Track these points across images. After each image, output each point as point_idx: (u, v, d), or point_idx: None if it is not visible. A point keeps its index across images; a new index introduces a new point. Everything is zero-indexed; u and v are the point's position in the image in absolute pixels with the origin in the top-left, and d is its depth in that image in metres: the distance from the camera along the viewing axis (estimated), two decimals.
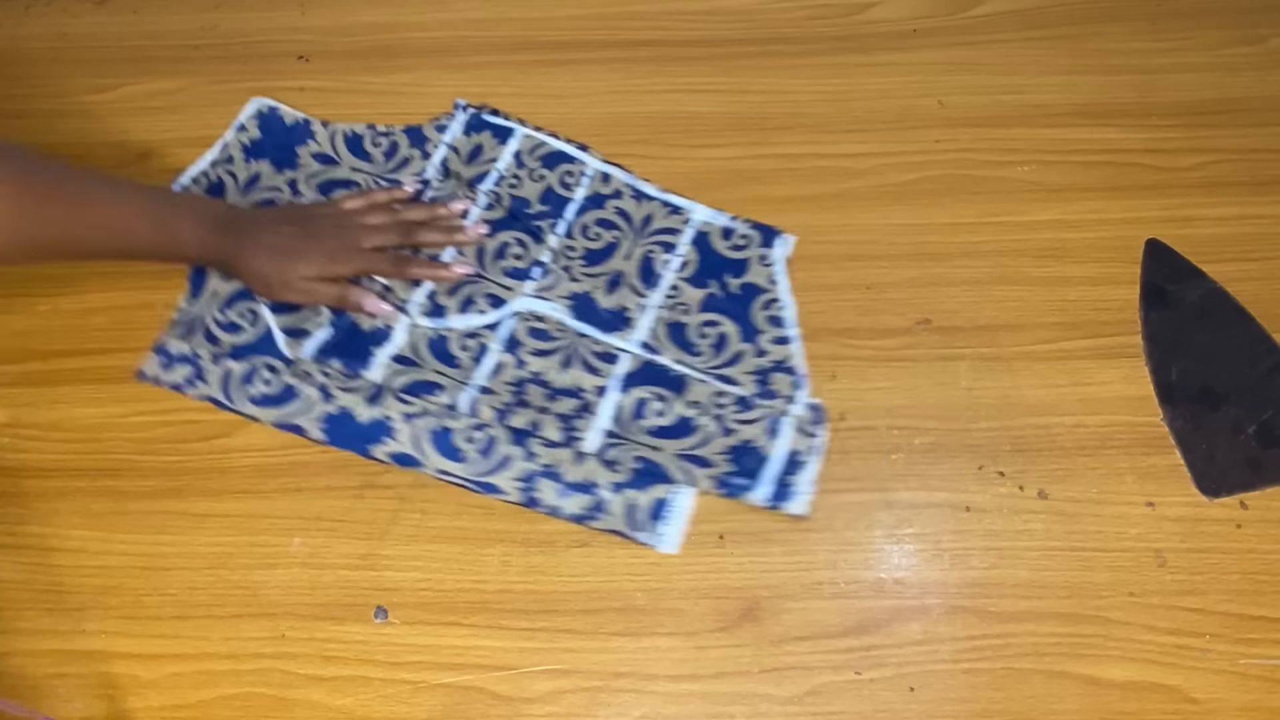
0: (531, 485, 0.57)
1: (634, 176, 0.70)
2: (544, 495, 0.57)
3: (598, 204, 0.68)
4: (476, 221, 0.67)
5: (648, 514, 0.56)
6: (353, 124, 0.73)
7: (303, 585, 0.56)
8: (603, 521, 0.57)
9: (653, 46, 0.76)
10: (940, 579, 0.55)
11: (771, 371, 0.61)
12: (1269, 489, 0.57)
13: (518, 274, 0.65)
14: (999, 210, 0.67)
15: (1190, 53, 0.74)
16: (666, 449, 0.58)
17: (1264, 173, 0.68)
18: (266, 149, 0.72)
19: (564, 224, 0.68)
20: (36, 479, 0.60)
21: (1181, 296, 0.63)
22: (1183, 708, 0.51)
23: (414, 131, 0.72)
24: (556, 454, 0.58)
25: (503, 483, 0.57)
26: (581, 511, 0.57)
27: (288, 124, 0.73)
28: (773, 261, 0.65)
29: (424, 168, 0.71)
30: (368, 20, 0.80)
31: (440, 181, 0.70)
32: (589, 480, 0.57)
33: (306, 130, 0.73)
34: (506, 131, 0.72)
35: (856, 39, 0.76)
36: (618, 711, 0.52)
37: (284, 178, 0.70)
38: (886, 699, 0.52)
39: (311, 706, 0.53)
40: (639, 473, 0.57)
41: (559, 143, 0.71)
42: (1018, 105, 0.72)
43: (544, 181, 0.69)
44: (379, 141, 0.72)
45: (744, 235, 0.66)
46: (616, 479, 0.57)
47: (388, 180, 0.70)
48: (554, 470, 0.58)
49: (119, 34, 0.81)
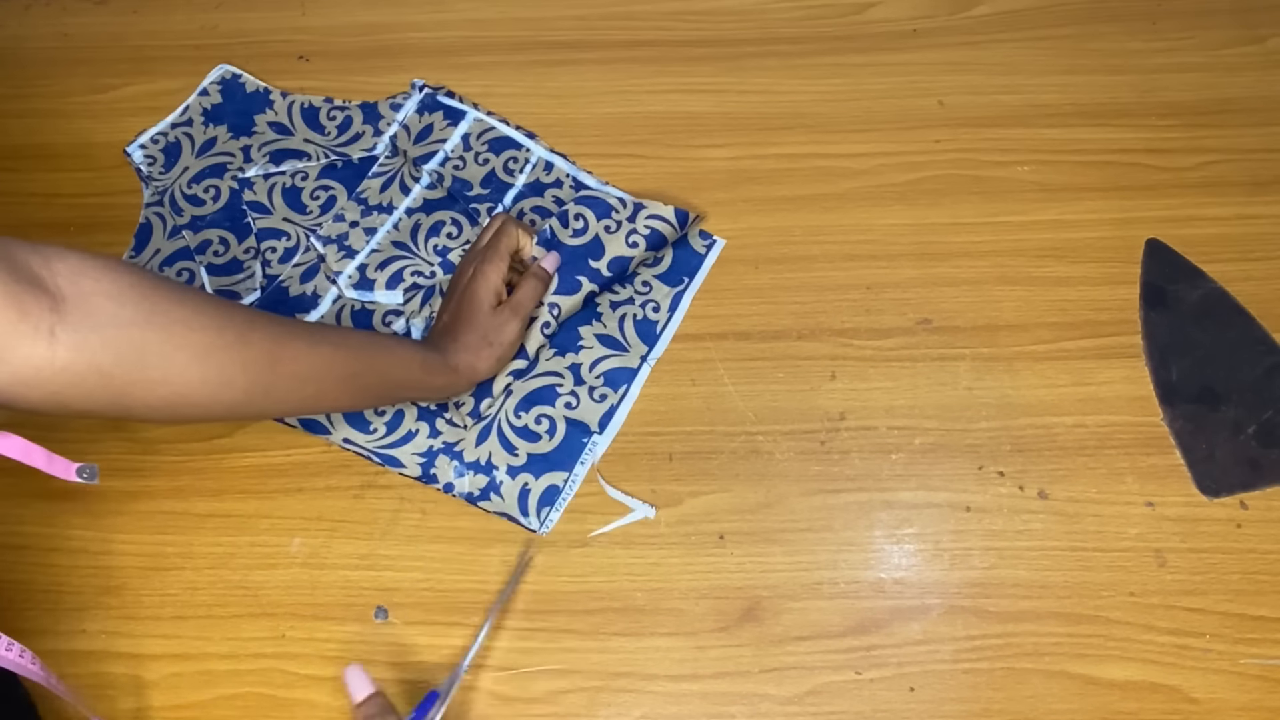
0: (431, 461, 0.59)
1: (577, 167, 0.70)
2: (441, 472, 0.59)
3: (537, 191, 0.69)
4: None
5: (537, 500, 0.58)
6: (311, 96, 0.74)
7: (303, 585, 0.56)
8: (494, 504, 0.58)
9: (653, 46, 0.76)
10: (940, 579, 0.55)
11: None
12: (1269, 489, 0.57)
13: (446, 253, 0.66)
14: (999, 210, 0.67)
15: (1190, 53, 0.74)
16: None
17: (1264, 173, 0.68)
18: (226, 114, 0.74)
19: (500, 208, 0.68)
20: (36, 479, 0.60)
21: (1181, 296, 0.63)
22: (1183, 708, 0.51)
23: (369, 108, 0.74)
24: (459, 433, 0.59)
25: (403, 456, 0.59)
26: (475, 491, 0.58)
27: (249, 91, 0.75)
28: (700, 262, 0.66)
29: (374, 144, 0.72)
30: (368, 20, 0.80)
31: (388, 158, 0.71)
32: (489, 462, 0.59)
33: (266, 99, 0.74)
34: (459, 114, 0.72)
35: (856, 39, 0.76)
36: (618, 711, 0.52)
37: (238, 144, 0.72)
38: (886, 699, 0.52)
39: (311, 706, 0.53)
40: (535, 458, 0.59)
41: (508, 129, 0.72)
42: (1018, 105, 0.72)
43: (488, 165, 0.70)
44: (334, 115, 0.74)
45: (670, 223, 0.64)
46: (514, 463, 0.58)
47: (337, 154, 0.71)
48: (455, 448, 0.59)
49: (119, 34, 0.81)
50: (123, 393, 0.42)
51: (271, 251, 0.67)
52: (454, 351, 0.57)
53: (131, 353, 0.41)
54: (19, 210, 0.72)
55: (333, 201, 0.69)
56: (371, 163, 0.71)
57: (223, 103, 0.74)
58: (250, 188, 0.70)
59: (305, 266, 0.66)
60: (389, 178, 0.70)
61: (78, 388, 0.40)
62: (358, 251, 0.67)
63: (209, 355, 0.44)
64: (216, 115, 0.74)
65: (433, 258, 0.66)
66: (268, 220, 0.69)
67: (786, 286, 0.65)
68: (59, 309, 0.39)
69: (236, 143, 0.72)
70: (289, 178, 0.70)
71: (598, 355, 0.62)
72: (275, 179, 0.70)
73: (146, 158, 0.72)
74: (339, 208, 0.69)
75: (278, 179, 0.70)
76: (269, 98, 0.74)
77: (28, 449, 0.44)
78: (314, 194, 0.70)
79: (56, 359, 0.38)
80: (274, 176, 0.70)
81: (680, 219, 0.64)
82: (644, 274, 0.66)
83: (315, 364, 0.49)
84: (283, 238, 0.68)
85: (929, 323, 0.63)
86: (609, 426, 0.60)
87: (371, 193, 0.69)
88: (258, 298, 0.65)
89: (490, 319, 0.58)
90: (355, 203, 0.69)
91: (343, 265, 0.66)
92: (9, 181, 0.73)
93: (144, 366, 0.42)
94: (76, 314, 0.39)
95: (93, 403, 0.41)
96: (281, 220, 0.69)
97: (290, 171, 0.70)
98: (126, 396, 0.42)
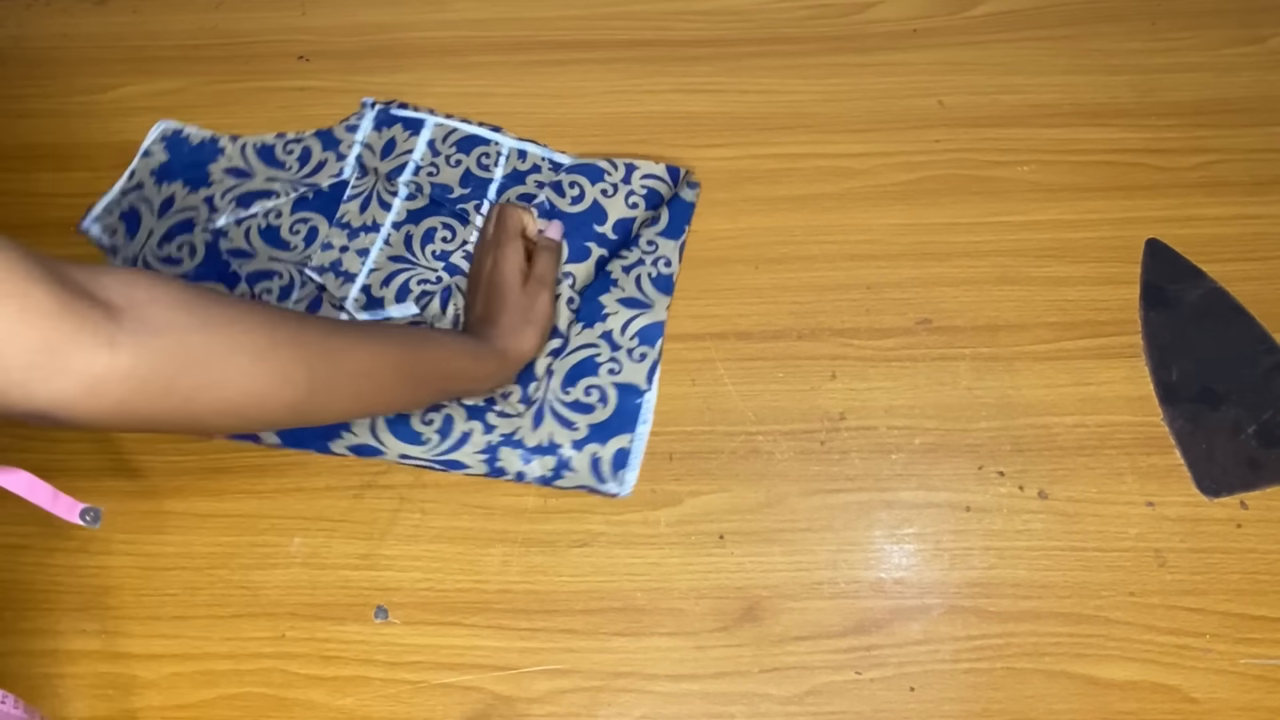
0: (495, 456, 0.58)
1: (549, 150, 0.71)
2: (508, 463, 0.58)
3: (518, 180, 0.69)
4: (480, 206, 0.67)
5: (610, 465, 0.58)
6: (261, 135, 0.73)
7: (303, 585, 0.56)
8: (568, 479, 0.58)
9: (653, 46, 0.76)
10: (940, 579, 0.55)
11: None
12: (1269, 489, 0.56)
13: (447, 256, 0.66)
14: (999, 210, 0.67)
15: (1190, 53, 0.74)
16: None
17: (1264, 173, 0.68)
18: (175, 170, 0.72)
19: (488, 203, 0.68)
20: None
21: (1181, 296, 0.63)
22: (1183, 708, 0.51)
23: (325, 135, 0.73)
24: (514, 422, 0.59)
25: (465, 458, 0.59)
26: (548, 474, 0.58)
27: (194, 144, 0.73)
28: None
29: (340, 168, 0.71)
30: (368, 20, 0.80)
31: (359, 179, 0.70)
32: (551, 442, 0.58)
33: (214, 147, 0.73)
34: (417, 123, 0.72)
35: (856, 39, 0.76)
36: (618, 711, 0.52)
37: (199, 196, 0.70)
38: (886, 699, 0.52)
39: (311, 706, 0.53)
40: (595, 427, 0.59)
41: (471, 127, 0.72)
42: (1018, 105, 0.72)
43: (461, 166, 0.70)
44: (291, 149, 0.72)
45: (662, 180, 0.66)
46: (576, 437, 0.59)
47: (305, 185, 0.70)
48: (514, 438, 0.59)
49: (119, 34, 0.81)
50: (188, 398, 0.41)
51: (267, 293, 0.66)
52: (497, 337, 0.57)
53: (191, 357, 0.41)
54: (19, 210, 0.72)
55: (315, 233, 0.68)
56: (343, 187, 0.70)
57: (170, 160, 0.72)
58: (225, 236, 0.68)
59: (307, 300, 0.65)
60: (365, 197, 0.69)
61: (142, 394, 0.39)
62: (356, 274, 0.66)
63: (268, 354, 0.44)
64: (167, 173, 0.71)
65: (434, 263, 0.66)
66: (253, 264, 0.67)
67: (786, 286, 0.65)
68: (116, 318, 0.38)
69: (196, 196, 0.70)
70: (262, 218, 0.69)
71: (625, 318, 0.63)
72: (248, 222, 0.69)
73: (106, 229, 0.70)
74: (324, 237, 0.67)
75: (250, 222, 0.69)
76: (218, 145, 0.72)
77: (33, 485, 0.44)
78: (293, 228, 0.68)
79: (119, 366, 0.38)
80: (246, 220, 0.69)
81: (673, 175, 0.66)
82: (647, 234, 0.67)
83: (370, 358, 0.49)
84: (274, 277, 0.66)
85: (929, 323, 0.63)
86: (654, 379, 0.61)
87: (352, 215, 0.68)
88: None
89: (522, 298, 0.59)
90: (339, 229, 0.68)
91: (345, 290, 0.65)
92: (10, 181, 0.73)
93: (206, 369, 0.41)
94: (133, 322, 0.39)
95: (159, 411, 0.41)
96: (268, 260, 0.67)
97: (261, 212, 0.69)
98: (192, 402, 0.41)
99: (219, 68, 0.78)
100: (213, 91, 0.77)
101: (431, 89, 0.75)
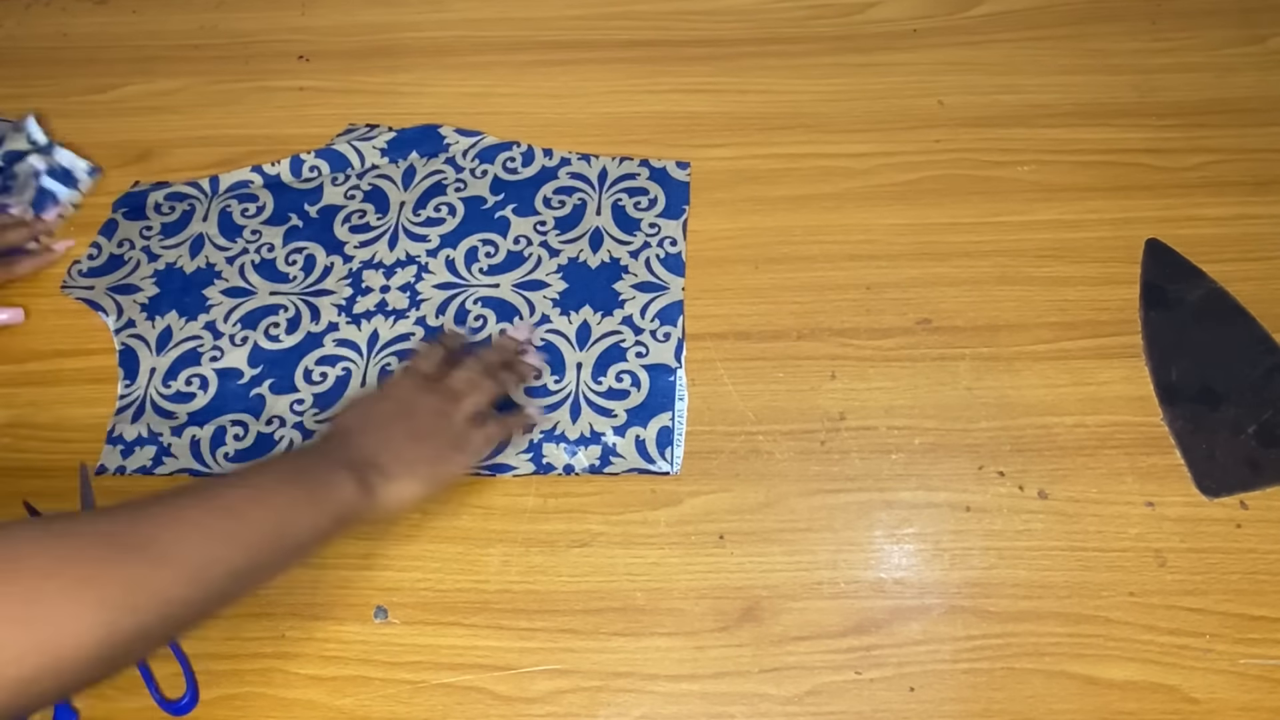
0: (539, 453, 0.59)
1: (566, 152, 0.71)
2: (554, 458, 0.59)
3: (551, 175, 0.70)
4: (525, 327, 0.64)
5: (656, 445, 0.59)
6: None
7: (303, 585, 0.56)
8: (616, 465, 0.58)
9: (653, 46, 0.76)
10: (940, 579, 0.55)
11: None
12: (1269, 489, 0.56)
13: (494, 272, 0.66)
14: (999, 210, 0.67)
15: (1190, 53, 0.74)
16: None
17: (1264, 173, 0.68)
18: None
19: (519, 204, 0.69)
20: (37, 479, 0.60)
21: (1181, 296, 0.63)
22: (1183, 708, 0.51)
23: (336, 156, 0.71)
24: (552, 417, 0.60)
25: (509, 460, 0.59)
26: (595, 462, 0.58)
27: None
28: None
29: (366, 209, 0.69)
30: (368, 20, 0.80)
31: (379, 218, 0.69)
32: (593, 431, 0.59)
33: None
34: (435, 140, 0.72)
35: (856, 39, 0.76)
36: (618, 711, 0.52)
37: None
38: (886, 699, 0.52)
39: (311, 706, 0.53)
40: (633, 411, 0.60)
41: (489, 138, 0.72)
42: (1018, 105, 0.72)
43: (488, 175, 0.70)
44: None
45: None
46: (616, 423, 0.59)
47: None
48: (555, 433, 0.59)
49: (119, 34, 0.81)
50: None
51: (275, 327, 0.64)
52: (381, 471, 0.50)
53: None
54: None
55: (312, 261, 0.67)
56: (333, 212, 0.69)
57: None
58: (220, 277, 0.67)
59: (324, 328, 0.64)
60: (393, 234, 0.68)
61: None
62: (406, 312, 0.65)
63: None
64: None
65: (481, 278, 0.66)
66: (254, 301, 0.65)
67: (786, 286, 0.65)
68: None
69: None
70: (254, 254, 0.67)
71: (644, 301, 0.64)
72: (241, 260, 0.67)
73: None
74: (363, 283, 0.66)
75: (244, 259, 0.67)
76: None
77: None
78: (289, 259, 0.67)
79: None
80: (239, 259, 0.67)
81: (650, 167, 0.69)
82: (646, 217, 0.68)
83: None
84: (279, 311, 0.65)
85: (929, 323, 0.63)
86: (682, 357, 0.62)
87: (383, 254, 0.67)
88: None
89: (464, 430, 0.54)
90: (373, 270, 0.66)
91: (400, 328, 0.64)
92: None
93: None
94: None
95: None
96: (269, 295, 0.66)
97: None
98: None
99: (219, 68, 0.78)
100: (212, 91, 0.77)
101: (431, 89, 0.75)
